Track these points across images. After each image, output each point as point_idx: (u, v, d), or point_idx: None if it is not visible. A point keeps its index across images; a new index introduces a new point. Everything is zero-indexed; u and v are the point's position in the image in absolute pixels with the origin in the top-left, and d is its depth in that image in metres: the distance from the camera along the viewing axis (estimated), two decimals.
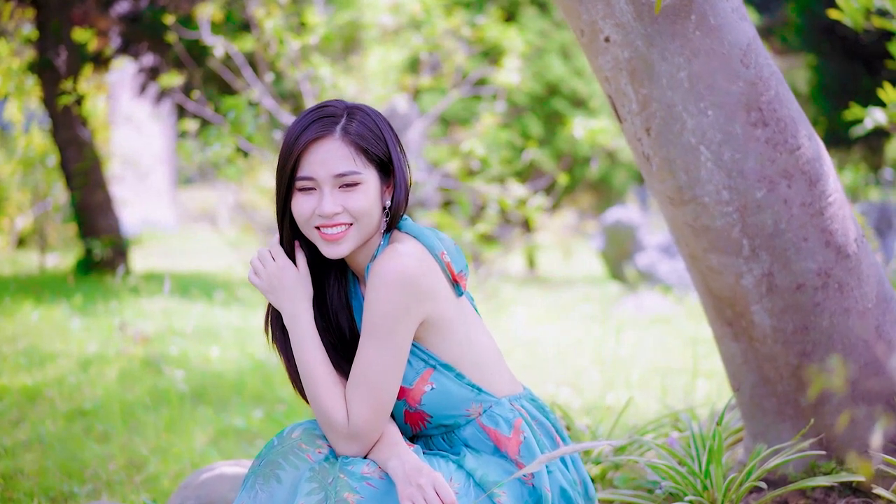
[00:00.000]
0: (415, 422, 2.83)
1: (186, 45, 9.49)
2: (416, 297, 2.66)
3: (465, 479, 2.74)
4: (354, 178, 2.68)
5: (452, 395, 2.78)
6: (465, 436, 2.84)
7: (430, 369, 2.77)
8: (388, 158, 2.76)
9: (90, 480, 4.45)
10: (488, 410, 2.83)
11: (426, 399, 2.78)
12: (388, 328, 2.65)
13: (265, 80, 8.23)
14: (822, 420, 3.52)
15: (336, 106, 2.75)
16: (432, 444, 2.89)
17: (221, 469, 3.54)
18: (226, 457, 4.88)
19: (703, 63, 3.36)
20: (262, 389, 6.22)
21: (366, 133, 2.72)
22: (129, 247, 12.13)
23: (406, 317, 2.65)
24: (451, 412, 2.81)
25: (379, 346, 2.66)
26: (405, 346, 2.68)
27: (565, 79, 14.34)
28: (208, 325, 8.26)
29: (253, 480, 2.69)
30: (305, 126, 2.70)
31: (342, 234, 2.70)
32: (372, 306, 2.65)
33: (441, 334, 2.76)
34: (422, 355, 2.78)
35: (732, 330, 3.62)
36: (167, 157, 22.79)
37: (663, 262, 11.91)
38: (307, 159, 2.69)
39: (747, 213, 3.40)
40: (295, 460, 2.69)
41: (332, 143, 2.69)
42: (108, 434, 5.14)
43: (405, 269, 2.65)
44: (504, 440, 2.81)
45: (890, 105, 5.04)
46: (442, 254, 2.76)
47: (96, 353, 6.86)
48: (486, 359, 2.86)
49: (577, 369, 6.99)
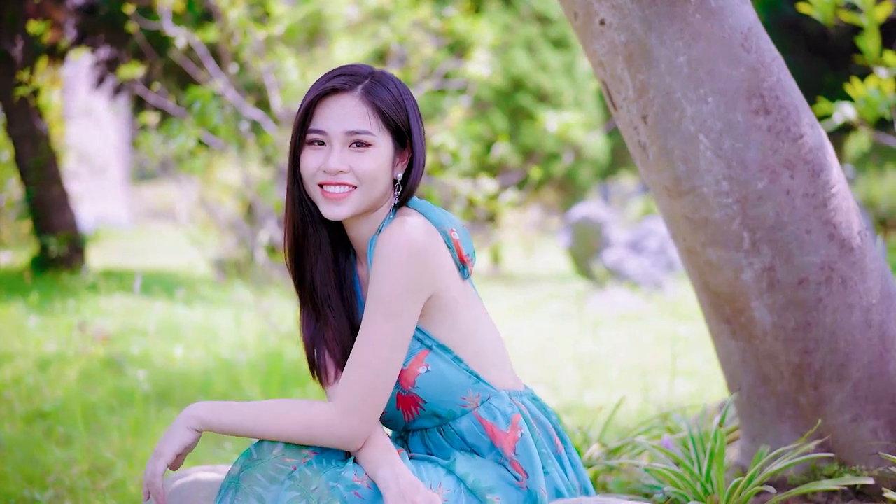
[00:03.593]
0: (407, 406, 2.67)
1: (146, 35, 9.26)
2: (424, 271, 2.53)
3: (456, 484, 2.59)
4: (366, 139, 2.57)
5: (448, 379, 2.64)
6: (461, 429, 2.69)
7: (426, 350, 2.63)
8: (406, 129, 2.65)
9: (52, 486, 4.26)
10: (486, 402, 2.69)
11: (420, 382, 2.63)
12: (396, 303, 2.52)
13: (229, 71, 8.02)
14: (823, 420, 3.38)
15: (362, 67, 2.65)
16: (427, 439, 2.73)
17: (196, 475, 3.33)
18: (193, 460, 4.70)
19: (703, 47, 3.21)
20: (228, 390, 6.04)
21: (387, 97, 2.61)
22: (87, 244, 11.88)
23: (414, 292, 2.53)
24: (446, 398, 2.65)
25: (385, 321, 2.52)
26: (411, 322, 2.55)
27: (530, 74, 14.20)
28: (170, 324, 8.05)
29: (232, 496, 2.49)
30: (328, 80, 2.61)
31: (344, 195, 2.58)
32: (380, 280, 2.52)
33: (443, 315, 2.63)
34: (418, 335, 2.64)
35: (731, 327, 3.48)
36: (122, 152, 22.47)
37: (631, 258, 11.80)
38: (322, 112, 2.60)
39: (748, 205, 3.26)
40: (277, 476, 2.49)
41: (350, 100, 2.59)
42: (70, 437, 4.95)
43: (413, 241, 2.53)
44: (500, 435, 2.67)
45: (858, 100, 4.97)
46: (451, 231, 2.65)
47: (55, 353, 6.64)
48: (488, 349, 2.72)
49: (552, 367, 6.86)
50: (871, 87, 4.97)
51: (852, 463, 3.37)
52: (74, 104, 18.87)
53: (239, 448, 4.96)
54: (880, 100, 4.95)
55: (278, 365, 6.27)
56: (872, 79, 5.02)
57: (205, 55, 8.19)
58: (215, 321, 8.30)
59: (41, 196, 11.46)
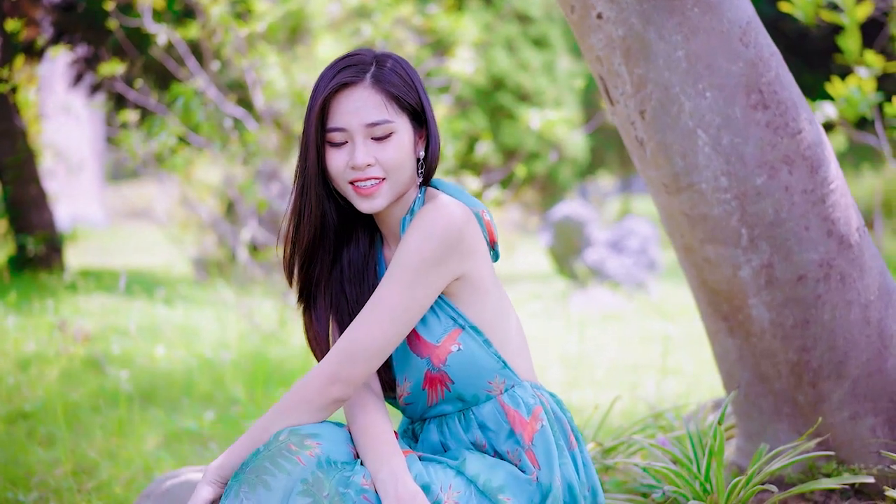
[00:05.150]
0: (434, 386, 2.64)
1: (126, 32, 9.17)
2: (457, 250, 2.54)
3: (466, 485, 2.54)
4: (387, 128, 2.56)
5: (478, 361, 2.62)
6: (482, 415, 2.66)
7: (459, 329, 2.61)
8: (420, 107, 2.64)
9: (37, 488, 4.18)
10: (510, 390, 2.67)
11: (451, 360, 2.61)
12: (418, 272, 2.51)
13: (210, 69, 7.95)
14: (821, 418, 3.35)
15: (364, 54, 2.63)
16: (445, 426, 2.69)
17: (187, 475, 3.28)
18: (179, 460, 4.63)
19: (701, 42, 3.18)
20: (212, 390, 5.97)
21: (397, 81, 2.60)
22: (65, 243, 11.76)
23: (437, 265, 2.52)
24: (474, 380, 2.63)
25: (403, 287, 2.51)
26: (428, 295, 2.54)
27: (510, 73, 14.18)
28: (151, 324, 7.96)
29: (237, 489, 2.44)
30: (334, 74, 2.58)
31: (376, 188, 2.58)
32: (408, 248, 2.52)
33: (475, 295, 2.62)
34: (451, 312, 2.62)
35: (728, 325, 3.44)
36: (97, 151, 22.30)
37: (612, 258, 11.78)
38: (337, 109, 2.58)
39: (747, 201, 3.23)
40: (285, 464, 2.44)
41: (362, 91, 2.57)
42: (53, 437, 4.86)
43: (452, 219, 2.53)
44: (522, 422, 2.64)
45: (838, 99, 4.97)
46: (482, 212, 2.67)
47: (35, 353, 6.54)
48: (513, 338, 2.71)
49: (537, 367, 6.81)
50: (851, 87, 4.96)
51: (850, 461, 3.34)
52: (50, 102, 18.71)
53: (223, 448, 4.90)
54: (861, 99, 4.94)
55: (262, 364, 6.22)
56: (853, 78, 5.02)
57: (186, 52, 8.12)
58: (196, 321, 8.22)
59: (18, 195, 11.33)
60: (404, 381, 2.66)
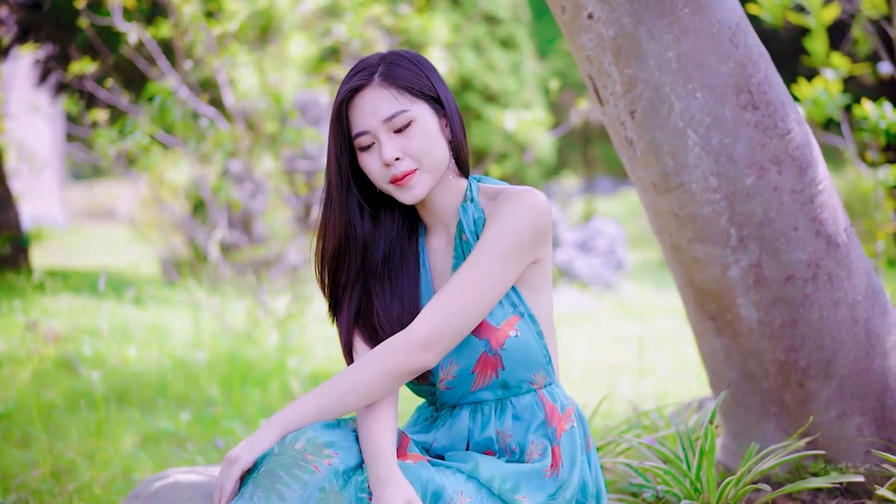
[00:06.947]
0: (485, 370, 2.65)
1: (96, 31, 9.08)
2: (544, 233, 2.62)
3: (477, 490, 2.54)
4: (404, 118, 2.60)
5: (531, 351, 2.65)
6: (519, 406, 2.68)
7: (518, 316, 2.65)
8: (434, 92, 2.68)
9: (15, 490, 4.12)
10: (549, 386, 2.72)
11: (509, 345, 2.63)
12: (514, 246, 2.58)
13: (183, 68, 7.89)
14: (808, 418, 3.37)
15: (372, 57, 2.69)
16: (480, 413, 2.69)
17: (176, 476, 3.24)
18: (157, 462, 4.60)
19: (692, 42, 3.19)
20: (186, 390, 5.93)
21: (404, 73, 2.64)
22: (31, 243, 11.65)
23: (523, 248, 2.60)
24: (523, 369, 2.66)
25: (490, 265, 2.56)
26: (511, 275, 2.60)
27: (478, 73, 14.18)
28: (121, 324, 7.88)
29: (252, 491, 2.41)
30: (346, 82, 2.65)
31: (411, 178, 2.61)
32: (502, 226, 2.58)
33: (538, 284, 2.68)
34: (514, 298, 2.66)
35: (715, 325, 3.46)
36: (57, 150, 22.09)
37: (580, 258, 11.82)
38: (355, 114, 2.63)
39: (736, 201, 3.25)
40: (300, 473, 2.40)
41: (373, 91, 2.62)
42: (29, 438, 4.80)
43: (544, 203, 2.61)
44: (557, 417, 2.68)
45: (805, 101, 5.01)
46: None
47: (6, 353, 6.47)
48: (553, 337, 2.76)
49: None
50: (818, 89, 5.00)
51: (838, 460, 3.36)
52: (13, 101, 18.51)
53: (200, 449, 4.87)
54: (828, 101, 4.98)
55: (237, 364, 6.18)
56: (819, 80, 5.06)
57: (156, 52, 8.05)
58: (167, 321, 8.15)
59: None
60: (450, 364, 2.66)
